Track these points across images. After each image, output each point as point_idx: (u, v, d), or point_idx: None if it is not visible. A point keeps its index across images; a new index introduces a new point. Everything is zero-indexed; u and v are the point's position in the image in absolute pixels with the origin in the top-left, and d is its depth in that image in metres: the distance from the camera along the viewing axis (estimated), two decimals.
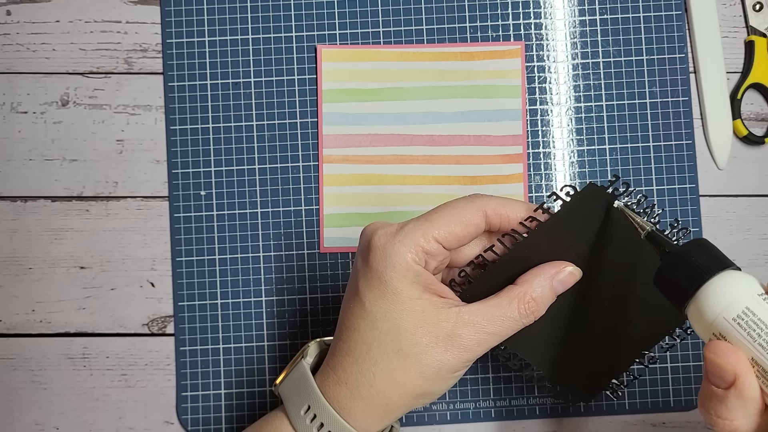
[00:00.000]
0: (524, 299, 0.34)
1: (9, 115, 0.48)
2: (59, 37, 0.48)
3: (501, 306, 0.33)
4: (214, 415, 0.46)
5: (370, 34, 0.48)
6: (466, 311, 0.33)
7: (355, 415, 0.34)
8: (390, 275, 0.33)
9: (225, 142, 0.47)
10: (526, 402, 0.46)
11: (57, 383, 0.47)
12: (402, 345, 0.33)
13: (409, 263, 0.33)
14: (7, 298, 0.47)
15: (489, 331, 0.33)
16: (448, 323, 0.33)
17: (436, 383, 0.34)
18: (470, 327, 0.33)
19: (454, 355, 0.33)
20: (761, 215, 0.48)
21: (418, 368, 0.33)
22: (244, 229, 0.47)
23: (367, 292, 0.34)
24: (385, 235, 0.34)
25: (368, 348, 0.34)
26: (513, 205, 0.35)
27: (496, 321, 0.33)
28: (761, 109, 0.49)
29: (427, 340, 0.33)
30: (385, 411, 0.34)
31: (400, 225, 0.34)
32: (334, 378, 0.34)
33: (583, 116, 0.48)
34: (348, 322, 0.34)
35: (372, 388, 0.33)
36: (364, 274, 0.34)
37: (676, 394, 0.46)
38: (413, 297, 0.33)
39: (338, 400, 0.34)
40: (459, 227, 0.34)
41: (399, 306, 0.33)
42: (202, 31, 0.48)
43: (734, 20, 0.49)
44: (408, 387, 0.33)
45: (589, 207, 0.35)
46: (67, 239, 0.47)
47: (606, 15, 0.48)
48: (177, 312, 0.47)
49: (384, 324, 0.33)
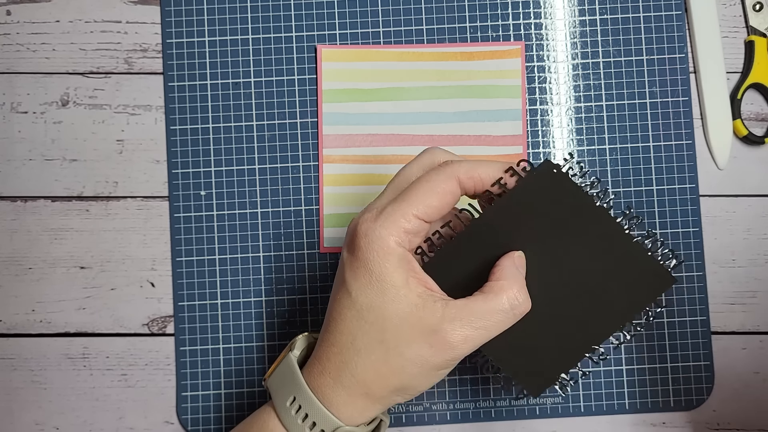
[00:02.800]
0: (511, 290, 0.33)
1: (9, 115, 0.48)
2: (59, 37, 0.48)
3: (488, 300, 0.33)
4: (214, 415, 0.46)
5: (370, 34, 0.48)
6: (453, 305, 0.33)
7: (337, 405, 0.34)
8: (375, 261, 0.33)
9: (225, 142, 0.47)
10: (526, 402, 0.46)
11: (57, 383, 0.47)
12: (386, 336, 0.33)
13: (392, 246, 0.33)
14: (7, 298, 0.47)
15: (477, 326, 0.32)
16: (433, 317, 0.32)
17: (417, 379, 0.33)
18: (457, 322, 0.32)
19: (439, 351, 0.32)
20: (761, 215, 0.48)
21: (400, 362, 0.33)
22: (244, 229, 0.47)
23: (354, 282, 0.33)
24: (366, 222, 0.34)
25: (353, 338, 0.33)
26: (485, 166, 0.34)
27: (484, 315, 0.33)
28: (761, 109, 0.49)
29: (412, 334, 0.32)
30: (366, 402, 0.34)
31: (379, 209, 0.34)
32: (319, 368, 0.34)
33: (583, 116, 0.48)
34: (335, 313, 0.34)
35: (354, 377, 0.33)
36: (350, 264, 0.34)
37: (676, 394, 0.46)
38: (398, 285, 0.33)
39: (322, 390, 0.34)
40: (436, 199, 0.33)
41: (384, 295, 0.33)
42: (202, 31, 0.48)
43: (734, 20, 0.49)
44: (389, 379, 0.33)
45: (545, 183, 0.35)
46: (67, 239, 0.47)
47: (606, 15, 0.48)
48: (177, 312, 0.47)
49: (370, 315, 0.33)
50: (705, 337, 0.47)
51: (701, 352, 0.47)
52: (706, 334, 0.47)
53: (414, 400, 0.46)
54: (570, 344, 0.38)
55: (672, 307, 0.47)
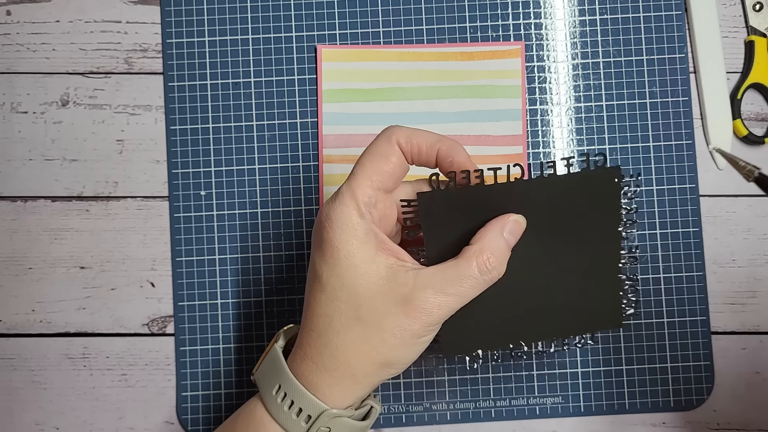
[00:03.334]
0: (483, 256, 0.33)
1: (9, 115, 0.48)
2: (59, 37, 0.48)
3: (459, 266, 0.33)
4: (214, 415, 0.46)
5: (370, 34, 0.48)
6: (424, 273, 0.33)
7: (322, 388, 0.34)
8: (339, 238, 0.33)
9: (225, 142, 0.47)
10: (526, 402, 0.46)
11: (57, 383, 0.47)
12: (361, 312, 0.33)
13: (355, 220, 0.33)
14: (7, 298, 0.47)
15: (449, 292, 0.33)
16: (405, 287, 0.32)
17: (399, 350, 0.33)
18: (429, 289, 0.32)
19: (415, 319, 0.32)
20: (761, 215, 0.48)
21: (380, 335, 0.33)
22: (244, 229, 0.47)
23: (323, 264, 0.34)
24: (327, 205, 0.34)
25: (330, 320, 0.33)
26: (422, 134, 0.35)
27: (455, 281, 0.33)
28: (761, 109, 0.49)
29: (386, 305, 0.33)
30: (352, 382, 0.34)
31: (336, 191, 0.34)
32: (301, 354, 0.35)
33: (583, 116, 0.48)
34: (310, 299, 0.35)
35: (336, 359, 0.33)
36: (317, 247, 0.34)
37: (676, 394, 0.46)
38: (366, 260, 0.33)
39: (305, 376, 0.34)
40: (382, 162, 0.34)
41: (353, 271, 0.33)
42: (202, 31, 0.48)
43: (734, 20, 0.49)
44: (371, 355, 0.33)
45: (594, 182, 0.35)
46: (67, 239, 0.47)
47: (606, 15, 0.48)
48: (177, 312, 0.47)
49: (342, 293, 0.33)
50: (705, 337, 0.47)
51: (701, 352, 0.47)
52: (706, 334, 0.47)
53: (414, 400, 0.46)
54: (507, 329, 0.38)
55: (672, 307, 0.47)
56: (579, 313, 0.38)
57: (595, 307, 0.38)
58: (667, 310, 0.47)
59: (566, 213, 0.36)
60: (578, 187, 0.35)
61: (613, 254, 0.37)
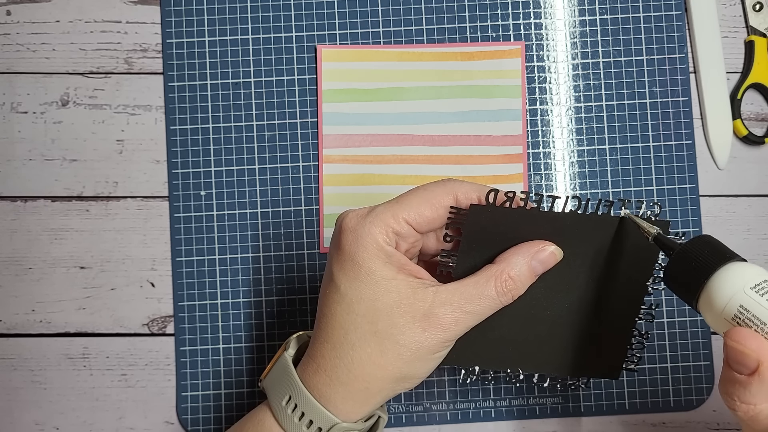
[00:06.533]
0: (501, 277, 0.33)
1: (9, 115, 0.48)
2: (59, 37, 0.48)
3: (478, 285, 0.33)
4: (214, 415, 0.46)
5: (370, 34, 0.48)
6: (443, 290, 0.33)
7: (335, 401, 0.34)
8: (362, 255, 0.33)
9: (225, 142, 0.47)
10: (527, 402, 0.46)
11: (57, 383, 0.47)
12: (379, 327, 0.33)
13: (380, 243, 0.33)
14: (7, 298, 0.47)
15: (466, 310, 0.33)
16: (424, 303, 0.33)
17: (415, 365, 0.33)
18: (447, 306, 0.33)
19: (432, 335, 0.33)
20: (761, 215, 0.48)
21: (396, 350, 0.33)
22: (244, 229, 0.47)
23: (342, 276, 0.33)
24: (356, 217, 0.34)
25: (345, 332, 0.33)
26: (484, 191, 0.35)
27: (473, 300, 0.33)
28: (761, 109, 0.49)
29: (404, 320, 0.33)
30: (366, 396, 0.34)
31: (371, 207, 0.34)
32: (314, 366, 0.34)
33: (583, 116, 0.48)
34: (325, 309, 0.34)
35: (351, 372, 0.33)
36: (337, 258, 0.34)
37: (676, 394, 0.46)
38: (387, 277, 0.33)
39: (318, 388, 0.34)
40: (429, 210, 0.34)
41: (374, 287, 0.33)
42: (202, 31, 0.48)
43: (734, 20, 0.49)
44: (387, 370, 0.33)
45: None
46: (67, 239, 0.47)
47: (606, 15, 0.48)
48: (177, 312, 0.47)
49: (360, 306, 0.33)
50: (705, 337, 0.47)
51: (701, 352, 0.47)
52: (706, 334, 0.47)
53: (414, 400, 0.46)
54: (508, 353, 0.38)
55: (672, 308, 0.47)
56: (582, 355, 0.38)
57: (600, 354, 0.38)
58: (667, 311, 0.47)
59: (603, 253, 0.36)
60: (624, 231, 0.35)
61: (633, 307, 0.37)
